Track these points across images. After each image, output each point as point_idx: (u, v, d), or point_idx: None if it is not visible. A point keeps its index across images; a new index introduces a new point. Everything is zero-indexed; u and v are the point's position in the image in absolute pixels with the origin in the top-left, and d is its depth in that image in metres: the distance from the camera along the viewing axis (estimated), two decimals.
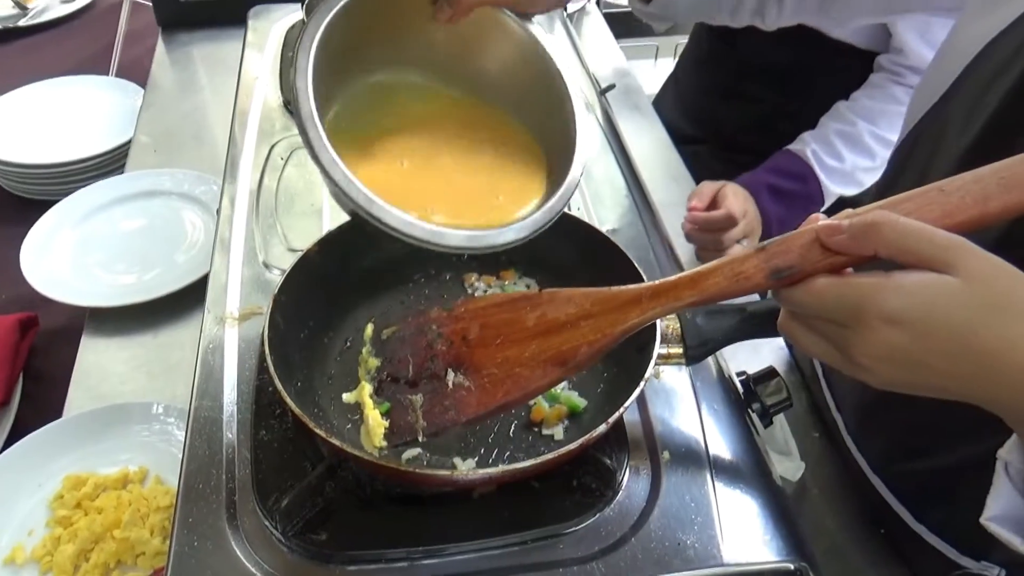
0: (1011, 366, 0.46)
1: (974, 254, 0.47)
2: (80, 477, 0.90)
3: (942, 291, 0.46)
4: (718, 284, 0.54)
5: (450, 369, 0.64)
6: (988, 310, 0.46)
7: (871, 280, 0.48)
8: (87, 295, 1.11)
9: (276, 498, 0.66)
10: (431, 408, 0.64)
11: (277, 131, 1.10)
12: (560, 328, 0.61)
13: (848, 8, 0.89)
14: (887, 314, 0.47)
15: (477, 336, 0.64)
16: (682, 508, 0.67)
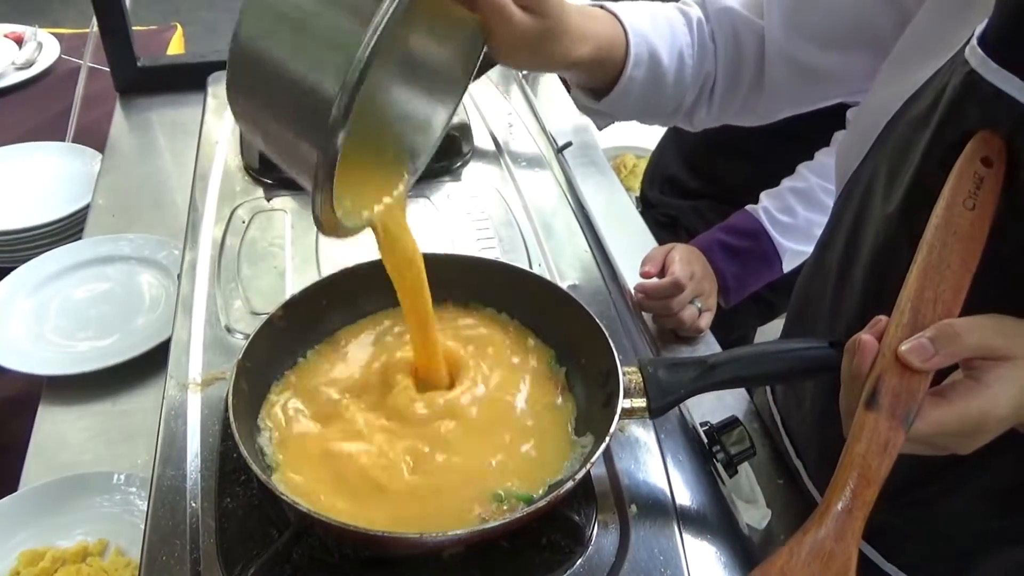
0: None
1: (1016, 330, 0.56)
2: (37, 552, 0.87)
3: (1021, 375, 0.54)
4: (882, 464, 0.55)
5: None
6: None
7: (976, 393, 0.55)
8: (44, 363, 1.09)
9: (242, 567, 0.64)
10: None
11: (238, 194, 1.10)
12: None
13: (769, 105, 0.92)
14: (1001, 417, 0.55)
15: None
16: (651, 561, 0.67)
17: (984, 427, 0.55)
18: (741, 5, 0.88)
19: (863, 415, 0.55)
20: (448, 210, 1.09)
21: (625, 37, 0.83)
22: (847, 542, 0.55)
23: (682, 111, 0.92)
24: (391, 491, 0.68)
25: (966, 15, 0.66)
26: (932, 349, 0.54)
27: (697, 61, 0.88)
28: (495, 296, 0.85)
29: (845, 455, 0.56)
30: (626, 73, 0.83)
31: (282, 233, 1.03)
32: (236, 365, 0.71)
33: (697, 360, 0.73)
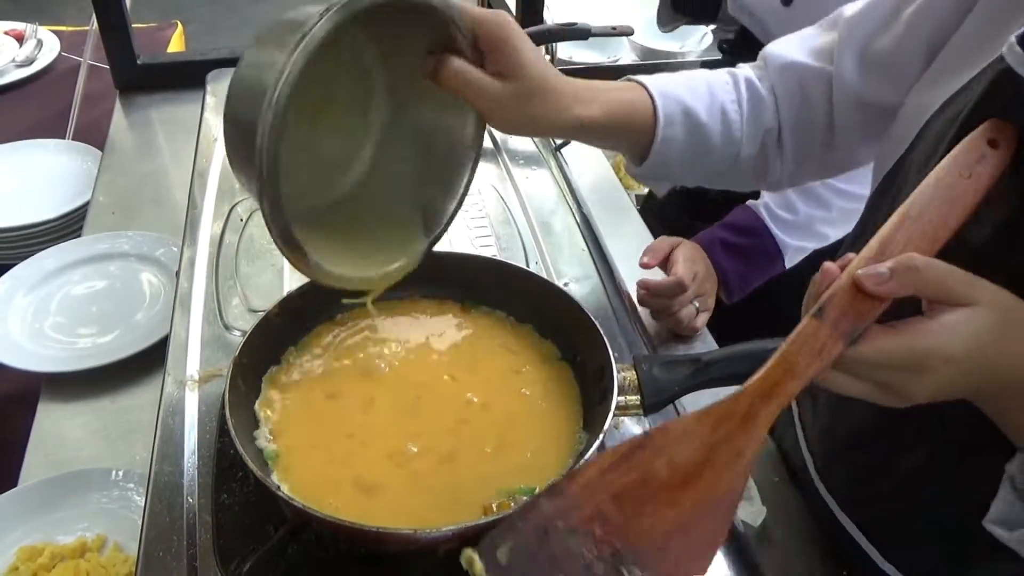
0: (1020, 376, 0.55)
1: (982, 283, 0.54)
2: (36, 548, 0.88)
3: (980, 322, 0.53)
4: (812, 366, 0.54)
5: (623, 569, 0.53)
6: (1011, 328, 0.54)
7: (926, 327, 0.54)
8: (43, 360, 1.09)
9: (238, 563, 0.65)
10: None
11: (237, 191, 1.10)
12: (699, 468, 0.55)
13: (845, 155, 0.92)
14: (948, 355, 0.53)
15: (618, 514, 0.54)
16: None
17: (928, 365, 0.53)
18: (809, 55, 0.88)
19: (807, 322, 0.55)
20: None
21: (651, 100, 0.83)
22: (755, 424, 0.55)
23: (746, 171, 0.91)
24: (391, 487, 0.69)
25: (1009, 24, 0.66)
26: (887, 275, 0.54)
27: (749, 116, 0.87)
28: (492, 294, 0.86)
29: (778, 352, 0.55)
30: (659, 133, 0.83)
31: None
32: (232, 362, 0.71)
33: (692, 358, 0.74)
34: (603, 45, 2.17)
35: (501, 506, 0.66)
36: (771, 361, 0.55)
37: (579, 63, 2.10)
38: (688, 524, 0.54)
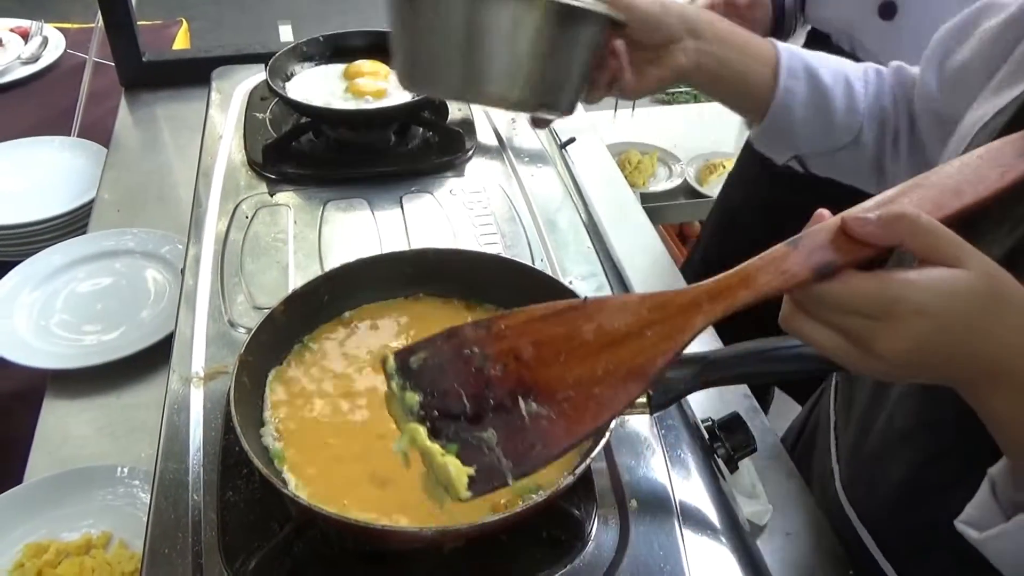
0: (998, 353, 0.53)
1: (976, 252, 0.52)
2: (41, 544, 0.88)
3: (961, 285, 0.51)
4: (770, 282, 0.54)
5: (520, 397, 0.56)
6: (992, 300, 0.52)
7: (904, 275, 0.52)
8: (49, 357, 1.09)
9: (243, 560, 0.65)
10: (511, 445, 0.55)
11: (242, 189, 1.11)
12: (624, 339, 0.56)
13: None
14: (918, 307, 0.51)
15: (533, 355, 0.57)
16: (651, 556, 0.68)
17: (897, 312, 0.51)
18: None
19: (780, 247, 0.54)
20: (451, 205, 1.09)
21: (775, 51, 0.84)
22: (693, 315, 0.55)
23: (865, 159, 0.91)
24: (397, 483, 0.68)
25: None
26: (872, 219, 0.52)
27: (873, 94, 0.88)
28: (497, 292, 0.85)
29: (742, 264, 0.55)
30: (780, 83, 0.83)
31: (285, 228, 1.04)
32: (238, 359, 0.71)
33: (698, 357, 0.73)
34: None
35: (509, 504, 0.66)
36: (733, 270, 0.55)
37: None
38: (595, 381, 0.55)
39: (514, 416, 0.55)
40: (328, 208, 1.08)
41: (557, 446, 0.55)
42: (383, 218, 1.06)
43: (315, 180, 1.13)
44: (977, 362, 0.54)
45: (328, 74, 1.27)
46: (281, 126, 1.23)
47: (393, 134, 1.22)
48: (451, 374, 0.57)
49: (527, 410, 0.55)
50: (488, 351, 0.57)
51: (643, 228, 1.35)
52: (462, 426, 0.56)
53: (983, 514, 0.59)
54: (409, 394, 0.57)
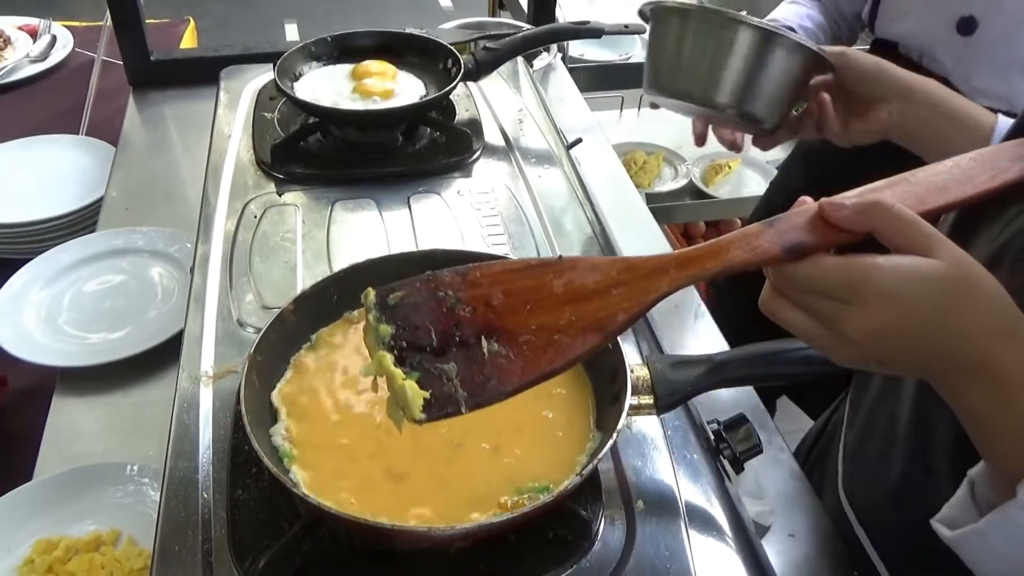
0: (970, 346, 0.54)
1: (949, 243, 0.53)
2: (51, 541, 0.88)
3: (930, 273, 0.53)
4: (738, 256, 0.56)
5: (483, 337, 0.59)
6: (963, 291, 0.53)
7: (872, 260, 0.53)
8: (58, 355, 1.10)
9: (253, 559, 0.65)
10: (468, 377, 0.59)
11: (250, 188, 1.11)
12: (591, 295, 0.59)
13: None
14: (884, 291, 0.52)
15: (502, 302, 0.60)
16: (657, 557, 0.68)
17: (863, 295, 0.52)
18: None
19: (755, 225, 0.56)
20: (458, 206, 1.10)
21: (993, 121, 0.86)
22: (660, 279, 0.58)
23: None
24: (405, 482, 0.69)
25: None
26: (847, 205, 0.54)
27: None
28: None
29: (714, 239, 0.58)
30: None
31: (293, 227, 1.04)
32: (247, 359, 0.72)
33: (704, 358, 0.74)
34: (615, 43, 2.17)
35: (516, 504, 0.67)
36: (708, 243, 0.58)
37: (591, 61, 2.10)
38: (556, 329, 0.59)
39: (475, 353, 0.59)
40: (336, 208, 1.08)
41: (511, 383, 0.58)
42: (391, 218, 1.07)
43: (323, 180, 1.14)
44: (950, 354, 0.55)
45: (336, 74, 1.27)
46: (289, 126, 1.23)
47: (401, 134, 1.23)
48: (424, 312, 0.61)
49: (488, 348, 0.59)
50: (461, 295, 0.61)
51: (649, 228, 1.36)
52: (427, 357, 0.59)
53: (960, 514, 0.60)
54: (383, 326, 0.61)
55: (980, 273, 0.54)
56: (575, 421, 0.75)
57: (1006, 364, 0.54)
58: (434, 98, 1.20)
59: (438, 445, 0.72)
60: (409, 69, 1.30)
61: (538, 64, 1.78)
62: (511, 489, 0.68)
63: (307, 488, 0.67)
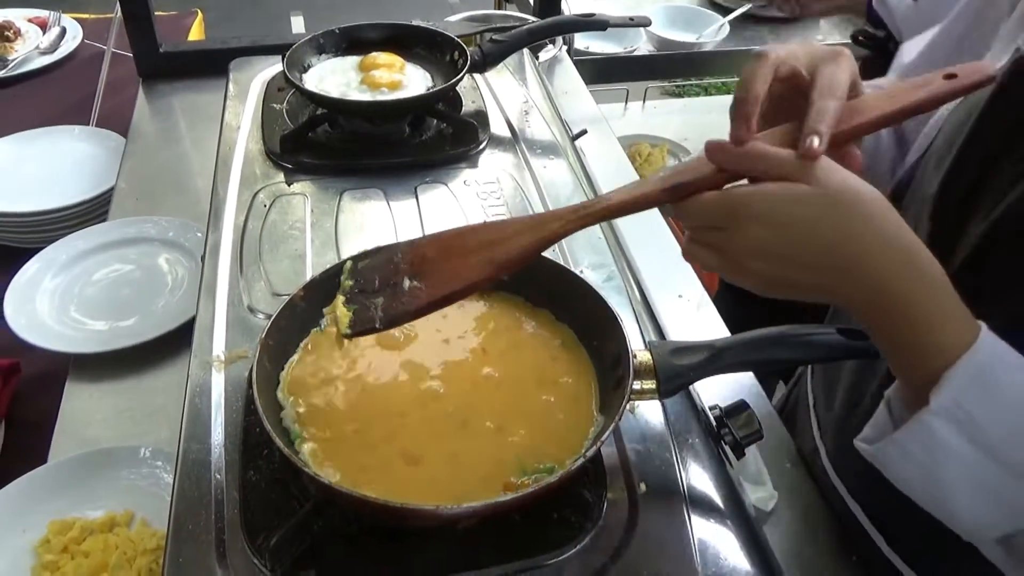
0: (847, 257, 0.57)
1: (830, 170, 0.57)
2: (66, 522, 0.90)
3: (794, 195, 0.57)
4: (624, 200, 0.65)
5: (407, 278, 0.73)
6: (831, 208, 0.57)
7: (741, 189, 0.60)
8: (71, 341, 1.12)
9: (265, 537, 0.67)
10: (388, 305, 0.73)
11: (259, 178, 1.13)
12: (496, 243, 0.71)
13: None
14: (753, 214, 0.58)
15: (433, 256, 0.74)
16: (659, 538, 0.70)
17: (739, 219, 0.58)
18: None
19: (651, 176, 0.66)
20: (464, 196, 1.11)
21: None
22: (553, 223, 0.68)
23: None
24: (428, 459, 0.71)
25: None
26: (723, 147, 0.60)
27: None
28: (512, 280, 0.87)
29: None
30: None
31: (302, 216, 1.06)
32: (259, 343, 0.73)
33: (706, 344, 0.75)
34: (620, 36, 2.17)
35: (522, 485, 0.68)
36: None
37: (596, 53, 2.11)
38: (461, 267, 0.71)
39: (399, 289, 0.73)
40: (344, 198, 1.10)
41: (416, 305, 0.71)
42: (398, 208, 1.08)
43: (332, 170, 1.15)
44: (842, 271, 0.58)
45: (344, 66, 1.28)
46: (298, 117, 1.24)
47: (408, 126, 1.24)
48: (377, 269, 0.76)
49: (408, 285, 0.73)
50: (405, 255, 0.75)
51: (653, 219, 1.36)
52: (367, 297, 0.74)
53: (879, 432, 0.63)
54: (346, 281, 0.77)
55: (861, 198, 0.57)
56: (579, 406, 0.77)
57: (906, 293, 0.57)
58: (441, 89, 1.22)
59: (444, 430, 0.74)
60: (416, 61, 1.31)
61: (544, 56, 1.79)
62: (517, 470, 0.70)
63: (316, 466, 0.69)
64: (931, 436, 0.58)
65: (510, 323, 0.85)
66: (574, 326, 0.84)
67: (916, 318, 0.58)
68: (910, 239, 0.58)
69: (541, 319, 0.85)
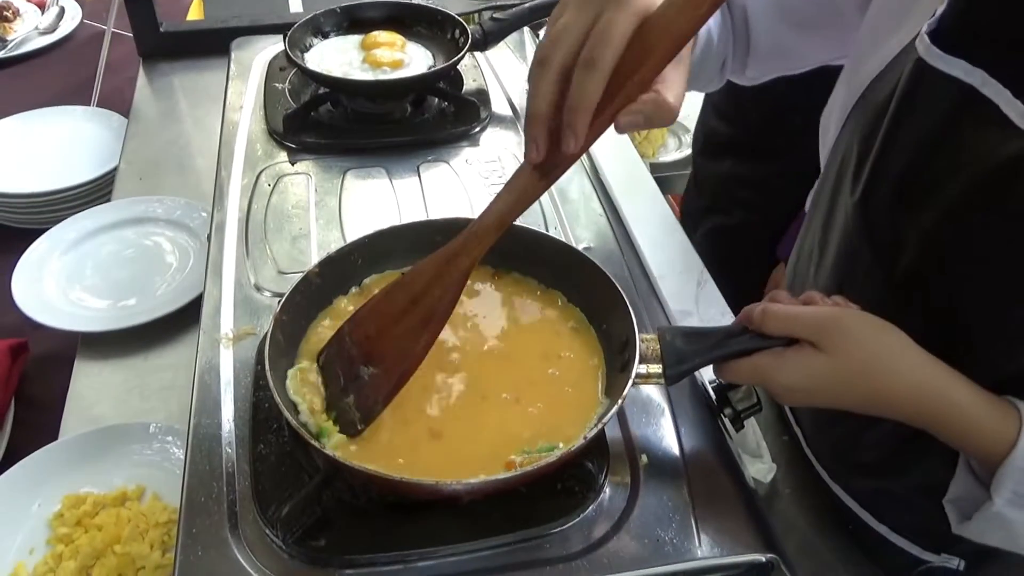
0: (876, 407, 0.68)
1: (839, 333, 0.66)
2: (79, 496, 0.92)
3: (815, 368, 0.66)
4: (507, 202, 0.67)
5: (363, 366, 0.74)
6: (848, 377, 0.66)
7: (768, 361, 0.69)
8: (79, 320, 1.13)
9: (276, 508, 0.68)
10: (360, 402, 0.73)
11: (263, 158, 1.13)
12: (420, 298, 0.73)
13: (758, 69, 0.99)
14: (783, 386, 0.68)
15: (375, 331, 0.75)
16: (660, 508, 0.71)
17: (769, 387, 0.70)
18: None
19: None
20: (466, 174, 1.12)
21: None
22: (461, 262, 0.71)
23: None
24: (450, 436, 0.72)
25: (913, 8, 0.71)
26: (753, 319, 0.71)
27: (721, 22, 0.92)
28: (517, 260, 0.88)
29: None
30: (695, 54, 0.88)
31: (306, 195, 1.07)
32: (273, 318, 0.74)
33: (715, 330, 0.75)
34: None
35: (523, 463, 0.69)
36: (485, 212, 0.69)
37: None
38: (402, 337, 0.73)
39: (361, 382, 0.74)
40: (347, 177, 1.11)
41: (383, 392, 0.73)
42: (401, 187, 1.09)
43: (334, 149, 1.16)
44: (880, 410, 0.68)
45: (346, 45, 1.29)
46: (300, 96, 1.25)
47: (410, 105, 1.25)
48: (336, 361, 0.76)
49: (367, 374, 0.74)
50: (353, 336, 0.76)
51: (653, 197, 1.37)
52: (341, 398, 0.74)
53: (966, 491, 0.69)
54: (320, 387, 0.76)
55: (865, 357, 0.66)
56: (585, 387, 0.78)
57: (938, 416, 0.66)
58: (442, 68, 1.22)
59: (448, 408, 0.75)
60: (417, 40, 1.32)
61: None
62: (523, 448, 0.71)
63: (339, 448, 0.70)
64: (1003, 521, 0.66)
65: (523, 306, 0.85)
66: (584, 308, 0.84)
67: (955, 432, 0.66)
68: (932, 372, 0.66)
69: (552, 301, 0.86)
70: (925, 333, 0.67)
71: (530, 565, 0.66)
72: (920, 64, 0.66)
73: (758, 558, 0.68)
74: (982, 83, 0.63)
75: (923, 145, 0.68)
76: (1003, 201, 0.63)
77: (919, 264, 0.70)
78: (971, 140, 0.64)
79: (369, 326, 0.75)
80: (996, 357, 0.67)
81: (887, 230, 0.72)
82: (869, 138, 0.73)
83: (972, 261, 0.67)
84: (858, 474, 0.87)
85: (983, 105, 0.63)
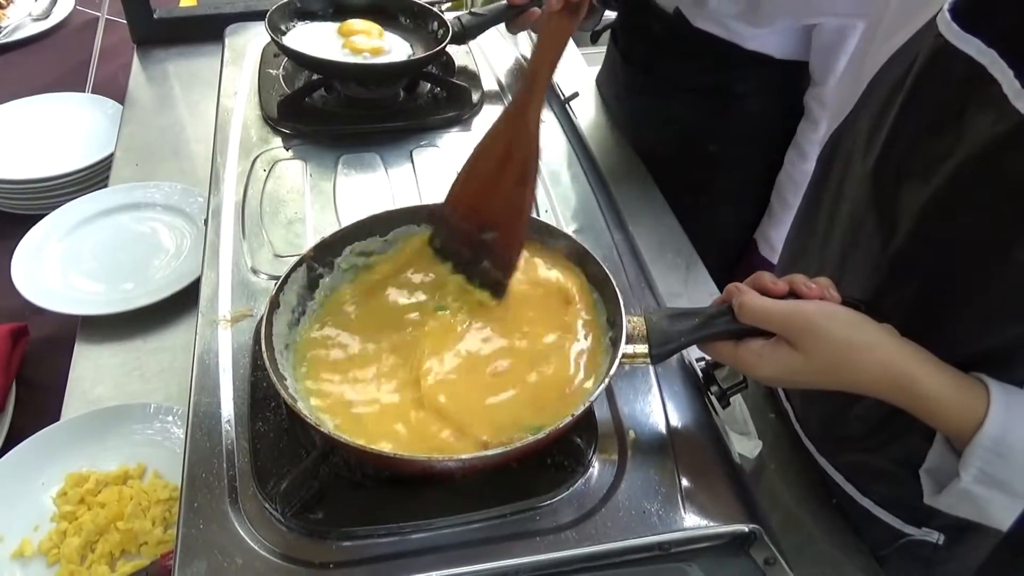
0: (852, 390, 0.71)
1: (808, 331, 0.69)
2: (82, 474, 0.94)
3: (789, 363, 0.70)
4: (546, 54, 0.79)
5: (481, 234, 0.82)
6: (820, 371, 0.70)
7: (747, 357, 0.73)
8: (79, 304, 1.15)
9: (274, 483, 0.71)
10: (498, 262, 0.82)
11: (257, 144, 1.15)
12: (506, 160, 0.80)
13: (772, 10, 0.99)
14: (764, 377, 0.73)
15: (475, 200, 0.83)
16: (647, 481, 0.73)
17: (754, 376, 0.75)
18: None
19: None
20: (458, 158, 1.12)
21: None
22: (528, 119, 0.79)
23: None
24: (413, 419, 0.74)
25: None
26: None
27: None
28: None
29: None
30: None
31: (301, 180, 1.08)
32: (269, 300, 0.76)
33: (698, 310, 0.77)
34: None
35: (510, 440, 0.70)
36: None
37: None
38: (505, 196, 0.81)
39: (487, 247, 0.82)
40: (342, 162, 1.12)
41: (514, 248, 0.81)
42: (394, 171, 1.11)
43: (329, 135, 1.18)
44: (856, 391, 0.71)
45: (323, 31, 1.29)
46: (294, 82, 1.26)
47: (402, 90, 1.26)
48: (452, 239, 0.85)
49: (490, 238, 0.82)
50: (459, 214, 0.84)
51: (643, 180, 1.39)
52: (474, 267, 0.84)
53: (941, 461, 0.72)
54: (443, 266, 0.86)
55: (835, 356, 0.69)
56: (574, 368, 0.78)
57: (908, 400, 0.69)
58: (424, 56, 1.23)
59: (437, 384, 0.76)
60: (398, 31, 1.33)
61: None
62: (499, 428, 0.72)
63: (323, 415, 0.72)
64: (970, 497, 0.69)
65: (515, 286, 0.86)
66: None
67: (926, 417, 0.69)
68: (900, 365, 0.68)
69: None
70: (912, 307, 0.69)
71: (521, 536, 0.69)
72: (939, 41, 0.67)
73: (741, 528, 0.70)
74: (991, 63, 0.63)
75: (931, 122, 0.69)
76: (987, 178, 0.64)
77: (911, 239, 0.71)
78: (973, 119, 0.65)
79: (469, 200, 0.83)
80: (974, 332, 0.69)
81: (890, 204, 0.74)
82: (882, 114, 0.74)
83: (954, 236, 0.68)
84: (845, 448, 0.89)
85: (989, 84, 0.63)
